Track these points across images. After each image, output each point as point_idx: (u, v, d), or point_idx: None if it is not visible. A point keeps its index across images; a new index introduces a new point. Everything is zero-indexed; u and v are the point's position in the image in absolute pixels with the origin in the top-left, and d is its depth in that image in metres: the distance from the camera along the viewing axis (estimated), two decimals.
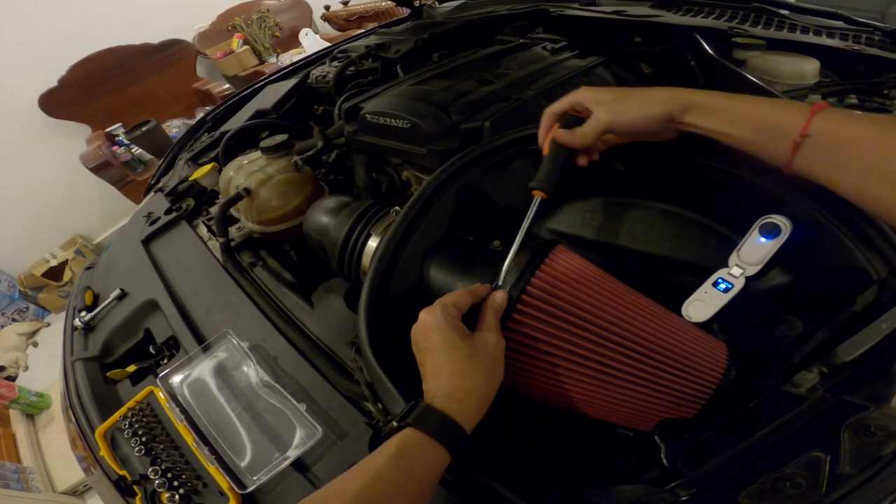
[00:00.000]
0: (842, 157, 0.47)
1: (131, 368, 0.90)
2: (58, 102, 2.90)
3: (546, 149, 0.61)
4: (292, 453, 0.65)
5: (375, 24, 2.25)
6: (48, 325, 2.92)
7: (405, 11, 1.83)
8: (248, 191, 0.93)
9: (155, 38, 3.24)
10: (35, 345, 2.78)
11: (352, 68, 1.32)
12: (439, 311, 0.49)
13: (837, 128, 0.47)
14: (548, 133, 0.62)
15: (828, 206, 0.54)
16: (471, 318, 0.51)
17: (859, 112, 0.83)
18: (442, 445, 0.43)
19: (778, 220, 0.53)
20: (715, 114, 0.54)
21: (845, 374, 0.47)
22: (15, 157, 2.84)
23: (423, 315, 0.50)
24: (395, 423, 0.45)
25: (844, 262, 0.53)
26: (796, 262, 0.55)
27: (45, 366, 2.58)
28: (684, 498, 0.45)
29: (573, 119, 0.61)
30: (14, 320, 2.89)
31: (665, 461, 0.50)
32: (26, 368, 2.60)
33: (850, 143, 0.46)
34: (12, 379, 2.48)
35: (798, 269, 0.56)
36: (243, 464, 0.65)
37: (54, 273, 2.92)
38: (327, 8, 3.86)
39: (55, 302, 2.93)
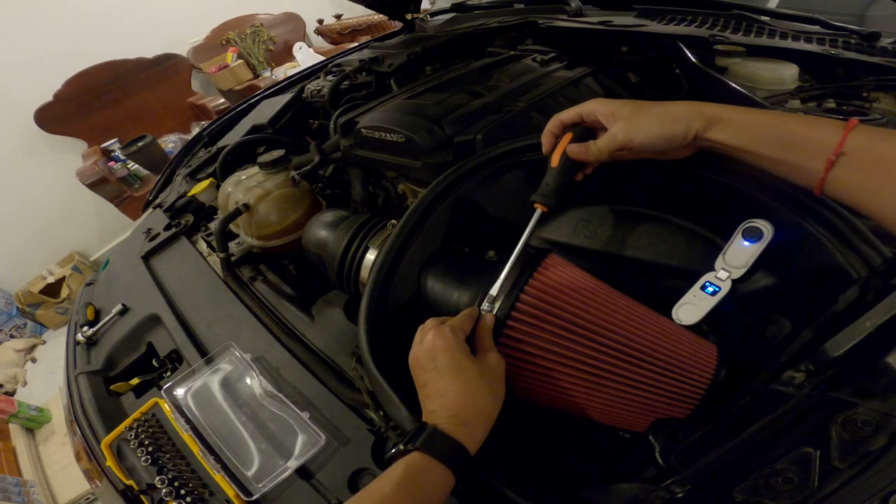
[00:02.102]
0: (880, 177, 0.44)
1: (135, 381, 0.91)
2: (53, 117, 2.91)
3: (556, 160, 0.59)
4: (297, 460, 0.66)
5: (368, 38, 2.29)
6: (44, 342, 2.92)
7: (398, 24, 1.86)
8: (247, 206, 0.95)
9: (149, 52, 3.26)
10: (33, 360, 2.77)
11: (346, 82, 1.34)
12: (449, 333, 0.50)
13: (875, 146, 0.44)
14: (553, 142, 0.61)
15: (807, 209, 0.56)
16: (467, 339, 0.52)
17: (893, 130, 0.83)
18: (449, 469, 0.44)
19: (760, 224, 0.56)
20: (739, 130, 0.52)
21: (831, 371, 0.49)
22: (11, 173, 2.84)
23: (431, 337, 0.50)
24: (402, 447, 0.45)
25: (825, 262, 0.55)
26: (780, 265, 0.58)
27: (43, 381, 2.58)
28: (680, 495, 0.46)
29: (585, 131, 0.60)
30: (12, 336, 2.88)
31: (660, 459, 0.52)
32: (25, 384, 2.60)
33: (886, 163, 0.43)
34: (11, 394, 2.48)
35: (782, 270, 0.58)
36: (249, 472, 0.67)
37: (51, 290, 2.92)
38: (320, 22, 3.91)
39: (53, 318, 2.93)
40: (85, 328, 1.03)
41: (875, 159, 0.44)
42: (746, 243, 0.56)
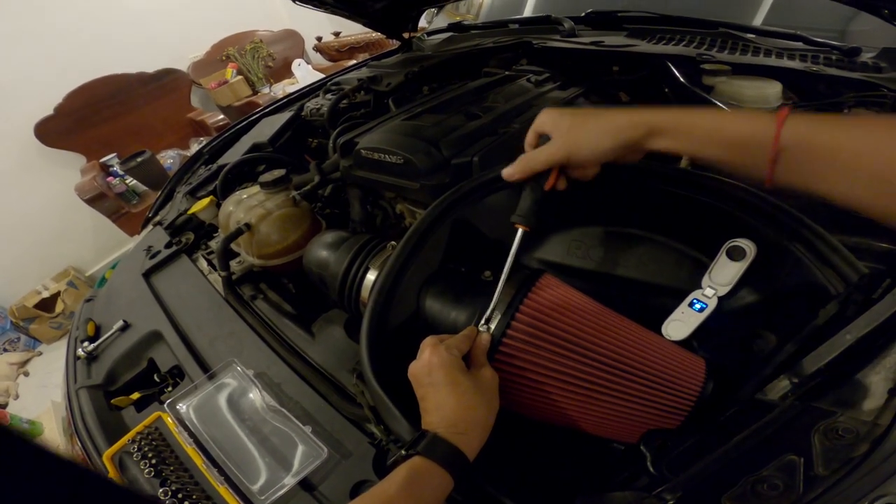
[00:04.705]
0: (821, 166, 0.45)
1: (135, 396, 0.92)
2: (53, 131, 2.91)
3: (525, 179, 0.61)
4: (300, 473, 0.67)
5: (366, 55, 2.32)
6: (40, 353, 2.90)
7: (395, 43, 1.90)
8: (248, 226, 0.96)
9: (150, 67, 3.28)
10: (26, 374, 2.76)
11: (345, 101, 1.37)
12: (443, 350, 0.52)
13: (810, 137, 0.45)
14: None
15: (788, 228, 0.59)
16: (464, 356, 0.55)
17: (825, 115, 0.82)
18: (448, 473, 0.46)
19: (743, 243, 0.58)
20: (679, 136, 0.53)
21: (813, 382, 0.51)
22: (8, 187, 2.84)
23: (427, 354, 0.53)
24: (403, 452, 0.48)
25: (806, 279, 0.57)
26: (764, 282, 0.60)
27: (36, 395, 2.56)
28: (671, 502, 0.47)
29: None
30: (5, 350, 2.87)
31: (651, 468, 0.54)
32: (17, 397, 2.59)
33: (827, 152, 0.44)
34: (3, 407, 2.47)
35: (766, 287, 0.60)
36: (252, 485, 0.68)
37: (46, 304, 2.91)
38: (319, 39, 3.96)
39: (46, 333, 2.92)
40: (85, 343, 1.03)
41: (813, 148, 0.45)
42: (731, 262, 0.59)
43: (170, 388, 0.92)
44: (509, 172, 0.61)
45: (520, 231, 0.60)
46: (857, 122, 0.47)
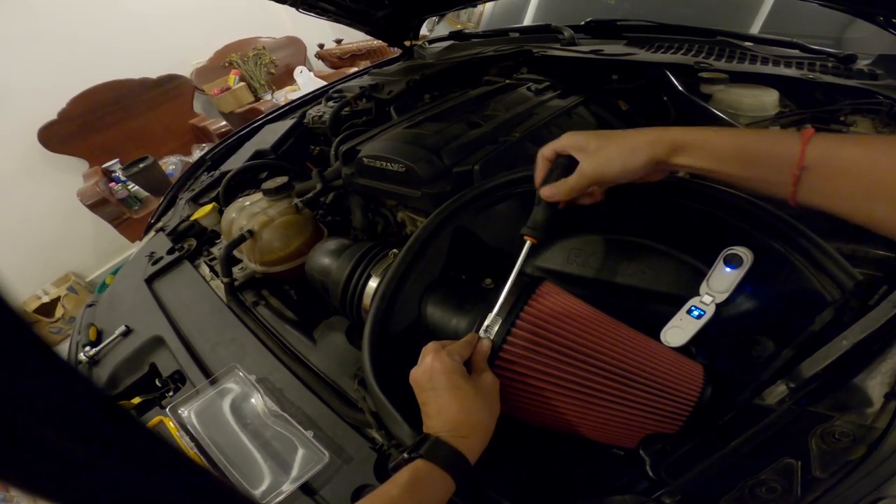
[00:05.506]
0: (847, 183, 0.45)
1: (136, 400, 0.93)
2: (57, 136, 2.93)
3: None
4: (301, 477, 0.67)
5: (368, 62, 2.34)
6: None
7: (397, 51, 1.92)
8: (251, 233, 0.97)
9: (153, 72, 3.30)
10: None
11: (347, 109, 1.38)
12: (445, 356, 0.53)
13: (834, 154, 0.46)
14: (542, 176, 0.64)
15: (784, 236, 0.60)
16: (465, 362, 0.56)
17: (848, 134, 0.84)
18: (450, 476, 0.47)
19: (740, 251, 0.59)
20: (703, 152, 0.53)
21: (810, 386, 0.52)
22: (11, 191, 2.85)
23: (429, 360, 0.53)
24: (406, 455, 0.49)
25: (802, 286, 0.58)
26: (761, 288, 0.61)
27: None
28: None
29: (571, 163, 0.62)
30: None
31: (651, 473, 0.54)
32: None
33: (851, 170, 0.45)
34: None
35: (763, 294, 0.61)
36: (254, 489, 0.68)
37: (46, 309, 2.90)
38: (321, 46, 3.98)
39: (46, 338, 2.90)
40: (87, 348, 1.04)
41: (838, 167, 0.46)
42: (728, 269, 0.59)
43: (171, 393, 0.92)
44: (551, 193, 0.61)
45: (528, 243, 0.61)
46: (878, 141, 0.48)
